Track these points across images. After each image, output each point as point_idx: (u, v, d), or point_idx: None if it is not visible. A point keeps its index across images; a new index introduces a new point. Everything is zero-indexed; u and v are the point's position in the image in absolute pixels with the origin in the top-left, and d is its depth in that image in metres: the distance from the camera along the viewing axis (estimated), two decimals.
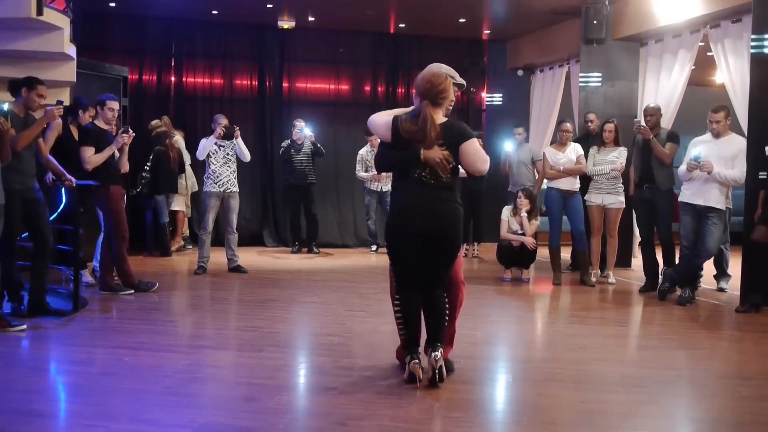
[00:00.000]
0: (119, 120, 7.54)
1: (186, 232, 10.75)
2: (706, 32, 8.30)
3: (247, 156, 8.60)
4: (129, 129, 7.03)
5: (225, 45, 11.29)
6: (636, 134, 7.58)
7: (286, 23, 10.86)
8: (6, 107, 5.74)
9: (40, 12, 6.41)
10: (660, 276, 7.61)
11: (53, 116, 5.87)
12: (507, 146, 9.84)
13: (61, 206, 7.02)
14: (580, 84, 9.71)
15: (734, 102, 7.86)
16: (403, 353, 4.41)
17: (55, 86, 7.38)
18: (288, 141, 10.38)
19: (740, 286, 6.92)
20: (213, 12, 10.58)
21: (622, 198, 8.00)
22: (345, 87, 11.75)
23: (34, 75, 5.99)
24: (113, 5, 9.99)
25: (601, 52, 9.44)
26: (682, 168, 6.99)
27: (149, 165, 9.73)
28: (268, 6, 10.01)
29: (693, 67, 8.78)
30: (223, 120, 8.47)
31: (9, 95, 5.93)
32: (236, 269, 8.57)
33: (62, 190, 6.89)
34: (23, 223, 5.91)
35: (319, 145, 10.22)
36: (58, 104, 5.89)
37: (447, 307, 4.41)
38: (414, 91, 4.30)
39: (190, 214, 10.78)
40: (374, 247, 10.65)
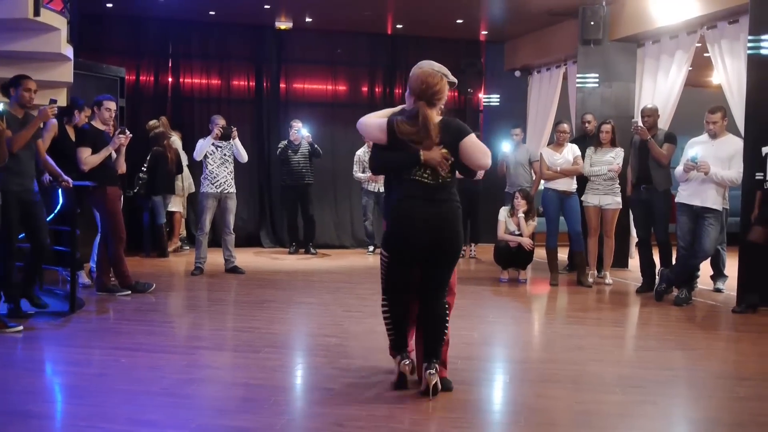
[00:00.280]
0: (116, 121, 7.53)
1: (183, 233, 10.73)
2: (703, 33, 8.32)
3: (245, 157, 8.59)
4: (126, 130, 7.02)
5: (222, 46, 11.28)
6: (633, 135, 7.59)
7: (284, 24, 10.85)
8: (1, 108, 5.73)
9: (37, 13, 6.39)
10: (657, 276, 7.62)
11: (47, 115, 5.85)
12: (504, 147, 9.83)
13: (58, 207, 7.01)
14: (578, 85, 9.72)
15: (731, 103, 7.87)
16: (393, 353, 4.30)
17: (52, 87, 7.35)
18: (285, 142, 10.37)
19: (737, 287, 6.94)
20: (210, 13, 10.58)
21: (619, 199, 8.01)
22: (342, 88, 11.75)
23: (32, 76, 5.98)
24: (110, 6, 9.98)
25: (599, 53, 9.45)
26: (679, 169, 7.00)
27: (146, 166, 9.72)
28: (266, 7, 10.01)
29: (690, 68, 8.80)
30: (221, 121, 8.47)
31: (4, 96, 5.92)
32: (233, 270, 8.56)
33: (59, 191, 6.87)
34: (20, 224, 5.90)
35: (317, 146, 10.21)
36: (52, 103, 5.87)
37: (448, 319, 4.25)
38: (407, 91, 4.16)
39: (187, 215, 10.78)
40: (371, 248, 10.64)
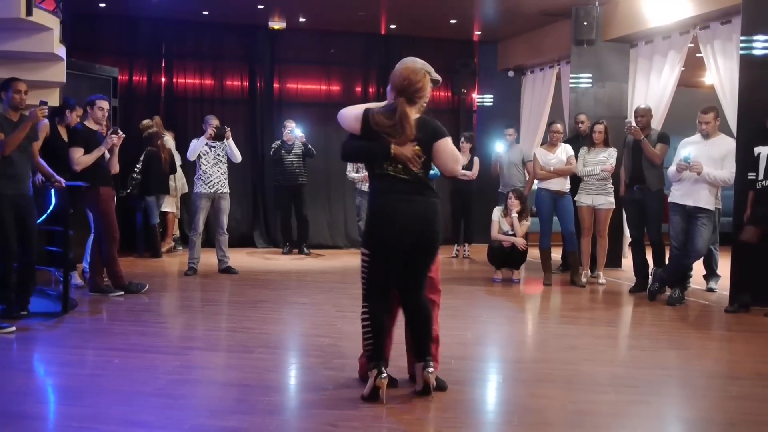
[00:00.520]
0: (109, 121, 7.51)
1: (176, 234, 10.72)
2: (696, 33, 8.35)
3: (238, 157, 8.58)
4: (118, 130, 7.00)
5: (216, 46, 11.27)
6: (626, 135, 7.61)
7: (277, 24, 10.84)
8: None
9: (30, 12, 6.37)
10: (650, 276, 7.64)
11: (37, 117, 5.83)
12: (498, 147, 9.85)
13: (51, 207, 6.98)
14: (571, 85, 9.74)
15: (723, 103, 7.90)
16: (367, 366, 4.08)
17: (45, 87, 7.33)
18: (279, 142, 10.37)
19: (729, 287, 6.96)
20: (204, 13, 10.56)
21: (612, 199, 8.03)
22: (336, 88, 11.74)
23: (24, 76, 5.97)
24: (103, 6, 9.96)
25: (592, 54, 9.47)
26: (672, 169, 7.01)
27: (140, 166, 9.70)
28: (259, 7, 10.00)
29: (682, 69, 8.83)
30: (214, 121, 8.46)
31: None
32: (227, 270, 8.55)
33: (52, 192, 6.85)
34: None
35: (310, 146, 10.20)
36: (42, 105, 5.87)
37: (432, 312, 4.21)
38: (389, 86, 4.11)
39: (180, 215, 10.76)
40: None
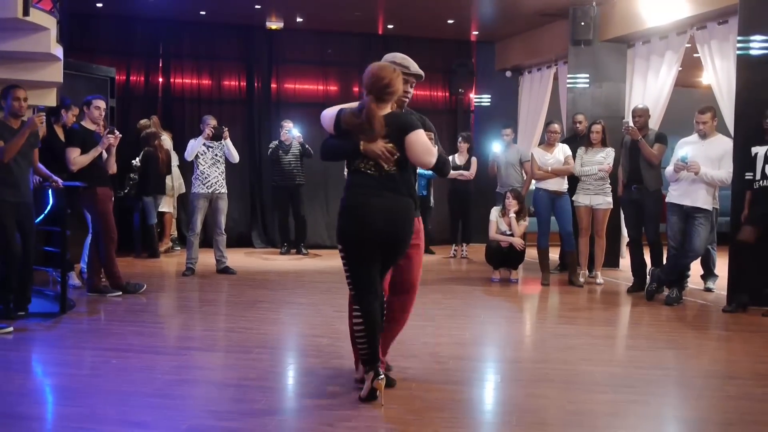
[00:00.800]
0: (106, 121, 7.50)
1: (174, 234, 10.70)
2: (693, 34, 8.36)
3: (236, 157, 8.57)
4: (115, 130, 6.99)
5: (213, 46, 11.25)
6: (624, 135, 7.61)
7: (275, 24, 10.83)
8: None
9: (27, 12, 6.35)
10: (648, 276, 7.64)
11: (35, 125, 5.86)
12: (495, 147, 9.85)
13: (48, 208, 6.97)
14: (568, 85, 9.75)
15: (721, 103, 7.91)
16: (363, 369, 4.06)
17: (42, 87, 7.32)
18: (276, 142, 10.36)
19: (727, 286, 6.97)
20: (201, 13, 10.55)
21: (610, 199, 8.04)
22: (333, 88, 11.73)
23: (21, 76, 5.99)
24: (100, 6, 9.94)
25: (589, 54, 9.48)
26: (669, 169, 7.02)
27: (138, 166, 9.68)
28: (257, 7, 9.99)
29: (680, 69, 8.84)
30: (212, 121, 8.45)
31: None
32: (225, 270, 8.54)
33: (49, 192, 6.84)
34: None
35: (308, 146, 10.19)
36: (40, 112, 5.88)
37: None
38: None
39: (178, 216, 10.75)
40: None
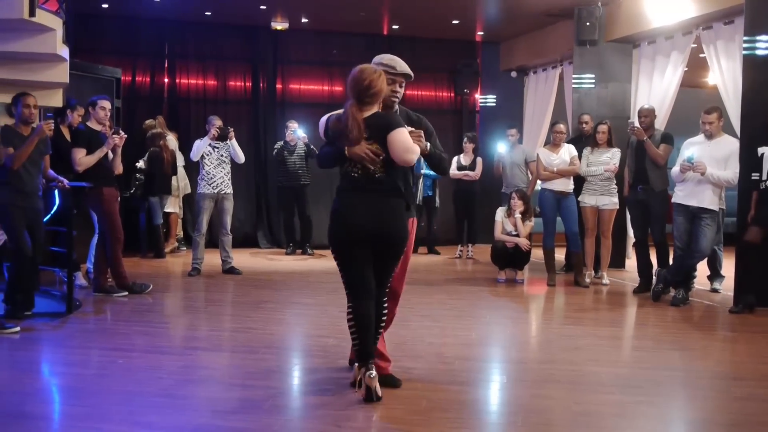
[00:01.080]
0: (112, 121, 7.52)
1: (180, 234, 10.72)
2: (699, 34, 8.34)
3: (242, 157, 8.59)
4: (120, 130, 7.01)
5: (218, 46, 11.28)
6: (630, 135, 7.60)
7: (280, 24, 10.85)
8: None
9: (33, 13, 6.38)
10: (654, 277, 7.63)
11: (43, 133, 5.91)
12: (500, 147, 9.86)
13: (54, 208, 7.00)
14: (574, 85, 9.73)
15: (727, 103, 7.89)
16: (357, 363, 4.13)
17: (48, 88, 7.35)
18: (281, 142, 10.37)
19: (734, 287, 6.95)
20: (206, 13, 10.57)
21: (616, 199, 8.02)
22: (338, 88, 11.72)
23: (27, 77, 6.02)
24: (106, 6, 9.97)
25: (594, 54, 9.47)
26: (675, 169, 7.00)
27: (143, 166, 9.71)
28: (262, 7, 10.01)
29: (686, 69, 8.82)
30: (218, 121, 8.46)
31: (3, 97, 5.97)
32: (230, 271, 8.55)
33: (55, 192, 6.86)
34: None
35: (313, 147, 10.19)
36: (48, 119, 5.92)
37: (384, 318, 4.19)
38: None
39: (184, 216, 10.77)
40: None
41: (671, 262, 7.36)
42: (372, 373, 4.01)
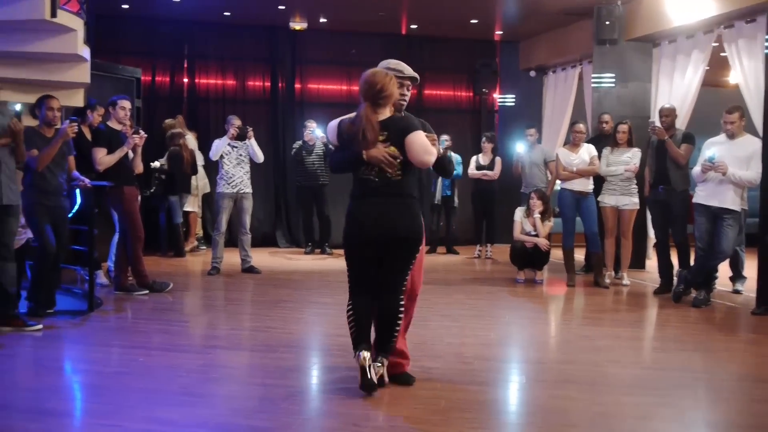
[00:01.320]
0: (132, 120, 7.57)
1: (200, 233, 10.79)
2: (720, 33, 8.26)
3: (260, 157, 8.62)
4: (140, 130, 7.07)
5: (237, 46, 11.33)
6: (651, 135, 7.55)
7: (298, 25, 10.87)
8: (19, 108, 5.82)
9: (54, 14, 6.44)
10: (675, 278, 7.57)
11: (67, 135, 5.96)
12: (519, 147, 9.82)
13: (76, 207, 7.06)
14: (593, 85, 9.68)
15: (749, 103, 7.81)
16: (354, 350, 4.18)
17: (70, 88, 7.41)
18: (300, 142, 10.40)
19: (756, 288, 6.86)
20: (225, 13, 10.62)
21: (636, 199, 7.97)
22: (357, 88, 11.61)
23: (48, 77, 6.07)
24: (126, 7, 10.04)
25: (614, 53, 9.40)
26: (697, 169, 6.94)
27: (164, 165, 9.77)
28: (280, 7, 10.04)
29: (707, 68, 8.74)
30: (237, 121, 8.50)
31: (22, 97, 6.03)
32: (249, 270, 8.59)
33: (77, 191, 6.93)
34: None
35: (331, 146, 10.19)
36: (72, 122, 5.97)
37: (400, 316, 4.18)
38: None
39: (203, 215, 10.82)
40: None
41: (692, 263, 7.29)
42: (364, 355, 4.02)
